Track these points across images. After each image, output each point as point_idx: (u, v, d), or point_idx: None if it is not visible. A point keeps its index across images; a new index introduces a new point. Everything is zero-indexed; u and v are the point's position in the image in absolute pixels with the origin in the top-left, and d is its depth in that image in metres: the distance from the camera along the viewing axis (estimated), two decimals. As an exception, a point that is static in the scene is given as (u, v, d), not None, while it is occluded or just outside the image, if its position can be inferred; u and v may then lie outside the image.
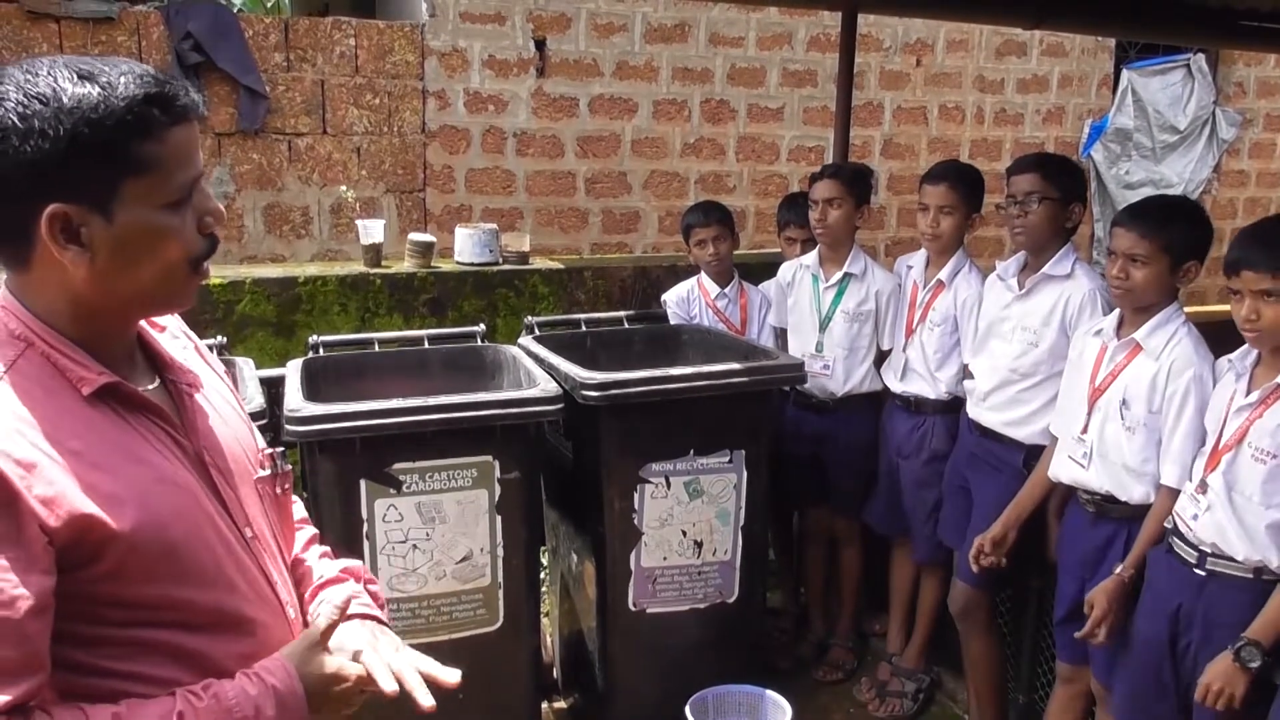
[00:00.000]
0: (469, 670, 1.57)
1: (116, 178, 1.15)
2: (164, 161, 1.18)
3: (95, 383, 1.21)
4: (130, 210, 1.17)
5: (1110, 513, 2.65)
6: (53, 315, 1.21)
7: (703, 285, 3.90)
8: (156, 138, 1.17)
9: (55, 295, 1.20)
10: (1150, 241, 2.51)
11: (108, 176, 1.15)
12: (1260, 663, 2.13)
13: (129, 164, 1.16)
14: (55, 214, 1.13)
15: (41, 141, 1.11)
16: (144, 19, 5.43)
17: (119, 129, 1.14)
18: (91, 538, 1.13)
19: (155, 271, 1.22)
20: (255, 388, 2.86)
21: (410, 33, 6.03)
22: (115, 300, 1.23)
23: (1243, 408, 2.29)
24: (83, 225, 1.15)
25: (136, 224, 1.18)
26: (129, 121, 1.14)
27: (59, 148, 1.11)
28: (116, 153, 1.14)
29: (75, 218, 1.14)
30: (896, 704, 3.57)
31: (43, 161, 1.11)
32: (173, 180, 1.19)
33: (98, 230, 1.16)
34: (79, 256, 1.16)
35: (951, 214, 3.33)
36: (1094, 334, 2.73)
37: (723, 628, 3.25)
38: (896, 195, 7.32)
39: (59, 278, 1.19)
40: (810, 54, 6.94)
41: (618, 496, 3.03)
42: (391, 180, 6.12)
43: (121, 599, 1.18)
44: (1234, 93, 8.04)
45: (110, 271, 1.19)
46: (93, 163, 1.13)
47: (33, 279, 1.20)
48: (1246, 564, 2.24)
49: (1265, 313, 2.22)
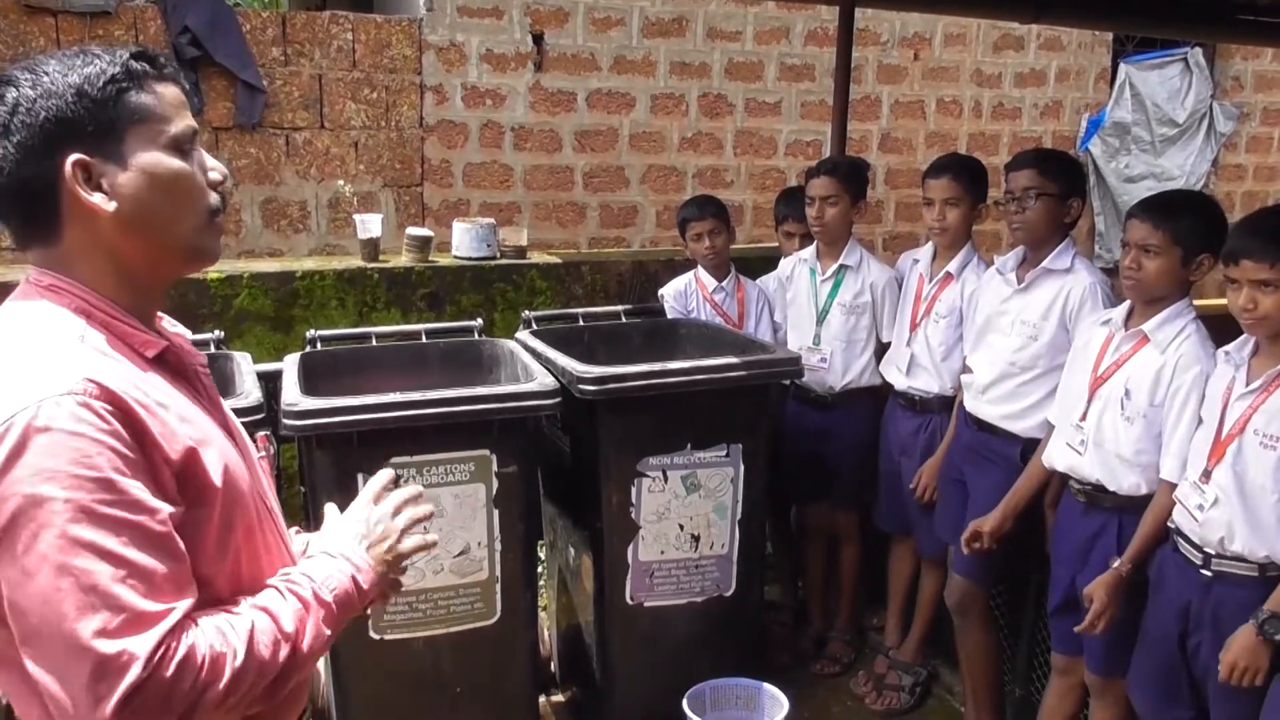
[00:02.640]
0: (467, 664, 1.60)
1: (120, 124, 1.27)
2: (158, 109, 1.31)
3: (157, 346, 1.33)
4: (139, 154, 1.28)
5: (1101, 503, 2.66)
6: (98, 280, 1.30)
7: (700, 279, 3.90)
8: (148, 89, 1.30)
9: (94, 257, 1.29)
10: (1163, 233, 2.52)
11: (112, 123, 1.27)
12: None
13: (128, 111, 1.28)
14: (77, 162, 1.24)
15: (52, 100, 1.24)
16: (141, 13, 5.43)
17: (113, 82, 1.27)
18: (196, 481, 1.25)
19: (177, 211, 1.32)
20: (252, 382, 2.86)
21: (408, 27, 6.03)
22: (149, 250, 1.32)
23: (1244, 395, 2.29)
24: (102, 175, 1.26)
25: (149, 164, 1.29)
26: (121, 75, 1.28)
27: (67, 102, 1.24)
28: (116, 102, 1.27)
29: (94, 167, 1.26)
30: (894, 697, 3.58)
31: (55, 118, 1.24)
32: (170, 125, 1.31)
33: (116, 176, 1.27)
34: (105, 202, 1.26)
35: (957, 205, 3.33)
36: (1102, 323, 2.74)
37: (720, 621, 3.25)
38: (894, 190, 7.31)
39: (92, 237, 1.28)
40: (808, 48, 6.93)
41: (615, 490, 3.04)
42: (389, 175, 6.11)
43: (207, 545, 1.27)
44: (1231, 86, 8.04)
45: (137, 217, 1.28)
46: (98, 113, 1.26)
47: (69, 247, 1.29)
48: (1253, 561, 2.23)
49: (1263, 302, 2.24)
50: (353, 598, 1.38)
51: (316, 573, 1.36)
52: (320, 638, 1.31)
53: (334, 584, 1.36)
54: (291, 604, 1.30)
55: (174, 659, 1.12)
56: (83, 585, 1.09)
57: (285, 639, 1.26)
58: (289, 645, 1.26)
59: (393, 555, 1.47)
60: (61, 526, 1.10)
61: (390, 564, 1.46)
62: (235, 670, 1.18)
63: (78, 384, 1.16)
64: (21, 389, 1.15)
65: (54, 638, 1.10)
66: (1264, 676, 2.16)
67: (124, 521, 1.13)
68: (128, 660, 1.09)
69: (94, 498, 1.12)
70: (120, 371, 1.23)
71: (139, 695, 1.09)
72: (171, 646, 1.12)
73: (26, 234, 1.30)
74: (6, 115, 1.24)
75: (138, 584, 1.12)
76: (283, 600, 1.30)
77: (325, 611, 1.33)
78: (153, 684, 1.10)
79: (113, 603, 1.10)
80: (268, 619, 1.26)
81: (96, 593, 1.09)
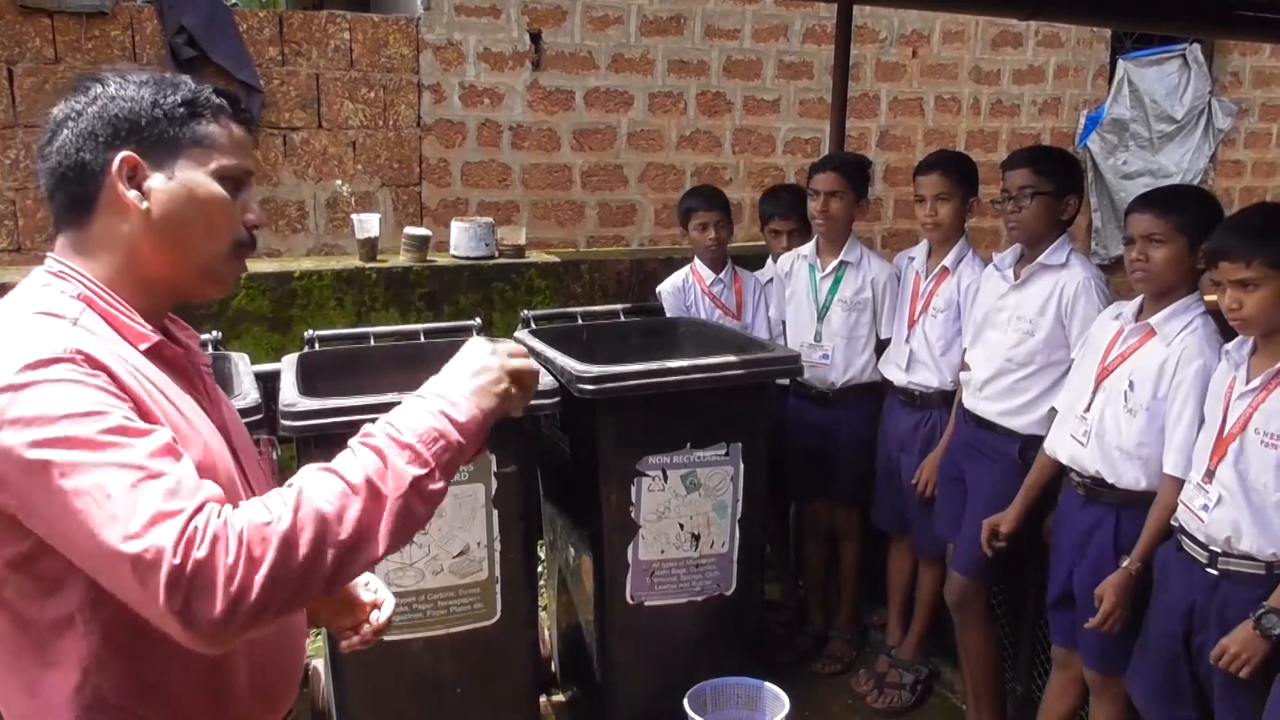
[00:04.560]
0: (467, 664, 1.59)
1: (181, 142, 1.36)
2: (222, 142, 1.39)
3: (151, 339, 1.35)
4: (187, 171, 1.36)
5: (1100, 496, 2.66)
6: (108, 272, 1.35)
7: (697, 272, 3.89)
8: (220, 123, 1.39)
9: (113, 249, 1.35)
10: (1166, 221, 2.52)
11: (174, 139, 1.35)
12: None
13: (192, 133, 1.37)
14: (126, 159, 1.33)
15: (128, 103, 1.34)
16: (138, 13, 5.41)
17: (191, 104, 1.37)
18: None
19: (204, 232, 1.37)
20: (251, 383, 2.86)
21: (405, 26, 6.02)
22: (166, 260, 1.37)
23: (1244, 394, 2.29)
24: (145, 178, 1.34)
25: (190, 183, 1.36)
26: (200, 101, 1.38)
27: (142, 108, 1.34)
28: (186, 122, 1.36)
29: (141, 169, 1.33)
30: (895, 695, 3.58)
31: (123, 117, 1.33)
32: (227, 159, 1.39)
33: (158, 184, 1.34)
34: (139, 200, 1.33)
35: (948, 200, 3.34)
36: (1114, 317, 2.74)
37: (721, 620, 3.25)
38: (893, 187, 7.30)
39: (118, 230, 1.34)
40: (806, 46, 6.93)
41: (615, 490, 3.03)
42: (387, 174, 6.10)
43: None
44: (1229, 83, 8.04)
45: (164, 224, 1.34)
46: (163, 125, 1.35)
47: (94, 233, 1.35)
48: (1260, 559, 2.23)
49: (1246, 301, 2.24)
50: (447, 435, 1.29)
51: (395, 417, 1.30)
52: (405, 482, 1.23)
53: (417, 423, 1.28)
54: (362, 456, 1.25)
55: (204, 539, 1.12)
56: (98, 500, 1.13)
57: (354, 491, 1.21)
58: (360, 497, 1.21)
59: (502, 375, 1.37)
60: (68, 458, 1.14)
61: (500, 391, 1.36)
62: (283, 535, 1.15)
63: (63, 351, 1.21)
64: (10, 355, 1.19)
65: (95, 555, 1.14)
66: (1253, 669, 2.16)
67: (124, 439, 1.17)
68: (156, 553, 1.11)
69: (93, 427, 1.16)
70: (110, 349, 1.27)
71: (181, 580, 1.10)
72: (198, 528, 1.13)
73: (64, 213, 1.37)
74: (85, 104, 1.34)
75: (152, 485, 1.15)
76: (351, 456, 1.26)
77: (410, 453, 1.25)
78: (191, 567, 1.11)
79: (130, 506, 1.13)
80: (327, 477, 1.22)
81: (113, 502, 1.13)
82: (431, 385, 1.37)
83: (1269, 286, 2.22)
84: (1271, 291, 2.22)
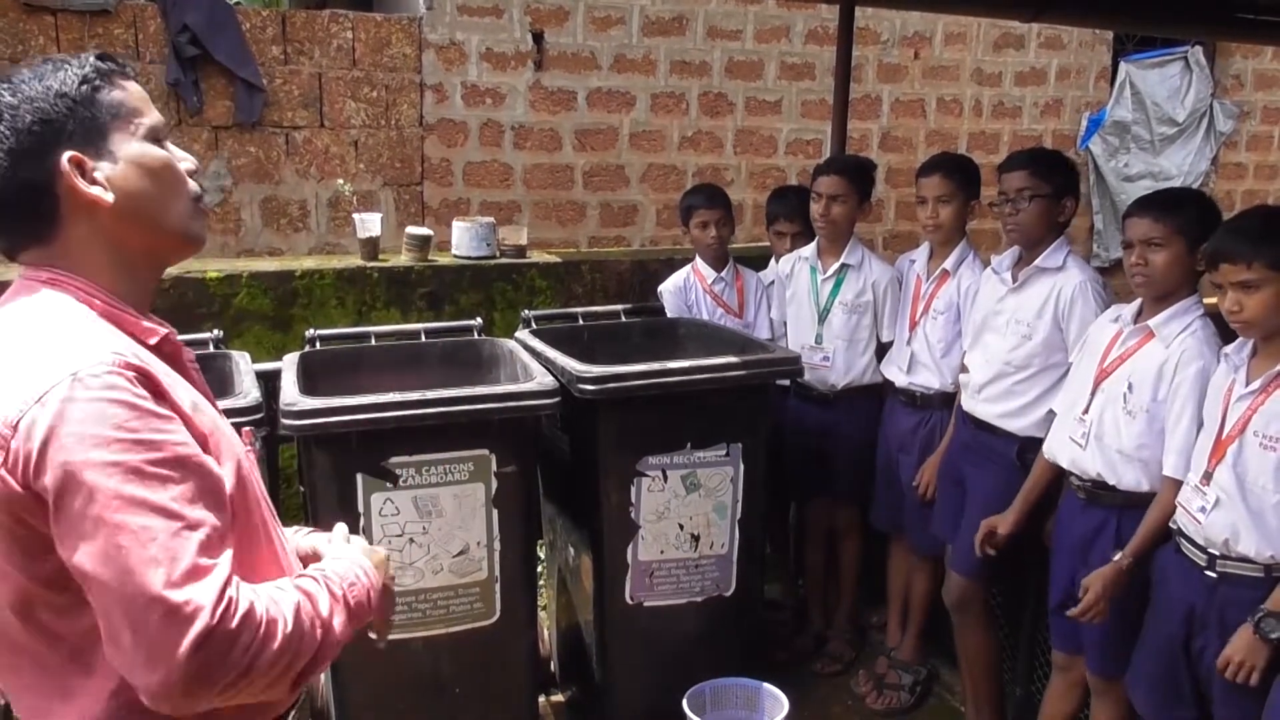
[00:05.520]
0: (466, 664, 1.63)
1: (101, 120, 1.33)
2: (131, 102, 1.37)
3: (158, 333, 1.37)
4: (124, 146, 1.34)
5: (1101, 499, 2.66)
6: (96, 272, 1.33)
7: (698, 271, 3.90)
8: (117, 86, 1.36)
9: (94, 250, 1.33)
10: (1165, 224, 2.52)
11: (94, 120, 1.32)
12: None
13: (106, 107, 1.34)
14: (73, 158, 1.30)
15: (34, 104, 1.30)
16: (141, 12, 5.42)
17: (86, 81, 1.33)
18: (212, 453, 1.30)
19: (166, 198, 1.37)
20: (251, 381, 2.86)
21: (408, 26, 6.02)
22: (145, 238, 1.37)
23: (1243, 396, 2.29)
24: (95, 169, 1.31)
25: (136, 155, 1.35)
26: (94, 76, 1.34)
27: (50, 103, 1.30)
28: (93, 100, 1.33)
29: (86, 163, 1.31)
30: (894, 696, 3.58)
31: (40, 120, 1.29)
32: (144, 118, 1.37)
33: (108, 170, 1.32)
34: (104, 194, 1.31)
35: (949, 202, 3.34)
36: (1112, 319, 2.74)
37: (720, 621, 3.25)
38: (895, 189, 7.31)
39: (92, 231, 1.32)
40: (808, 47, 6.93)
41: (615, 490, 3.03)
42: (389, 174, 6.11)
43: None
44: (1231, 85, 8.04)
45: (132, 207, 1.33)
46: (79, 111, 1.32)
47: (67, 244, 1.32)
48: (1258, 561, 2.22)
49: (1247, 303, 2.24)
50: (365, 608, 1.42)
51: (343, 572, 1.42)
52: (343, 633, 1.35)
53: (356, 592, 1.40)
54: (325, 593, 1.34)
55: (237, 612, 1.17)
56: (142, 540, 1.14)
57: (321, 623, 1.30)
58: (323, 630, 1.30)
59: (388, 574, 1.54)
60: (114, 488, 1.14)
61: (389, 590, 1.52)
62: (286, 637, 1.22)
63: (106, 356, 1.21)
64: (51, 365, 1.20)
65: (123, 593, 1.14)
66: (1260, 675, 2.16)
67: (170, 478, 1.18)
68: (195, 608, 1.13)
69: (140, 458, 1.17)
70: (138, 351, 1.28)
71: (209, 642, 1.14)
72: (233, 599, 1.17)
73: (22, 236, 1.33)
74: None
75: (191, 537, 1.17)
76: (318, 587, 1.34)
77: (347, 611, 1.37)
78: (220, 632, 1.14)
79: (172, 554, 1.15)
80: (310, 602, 1.30)
81: (156, 545, 1.14)
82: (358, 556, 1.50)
83: (1270, 288, 2.22)
84: (1272, 293, 2.22)
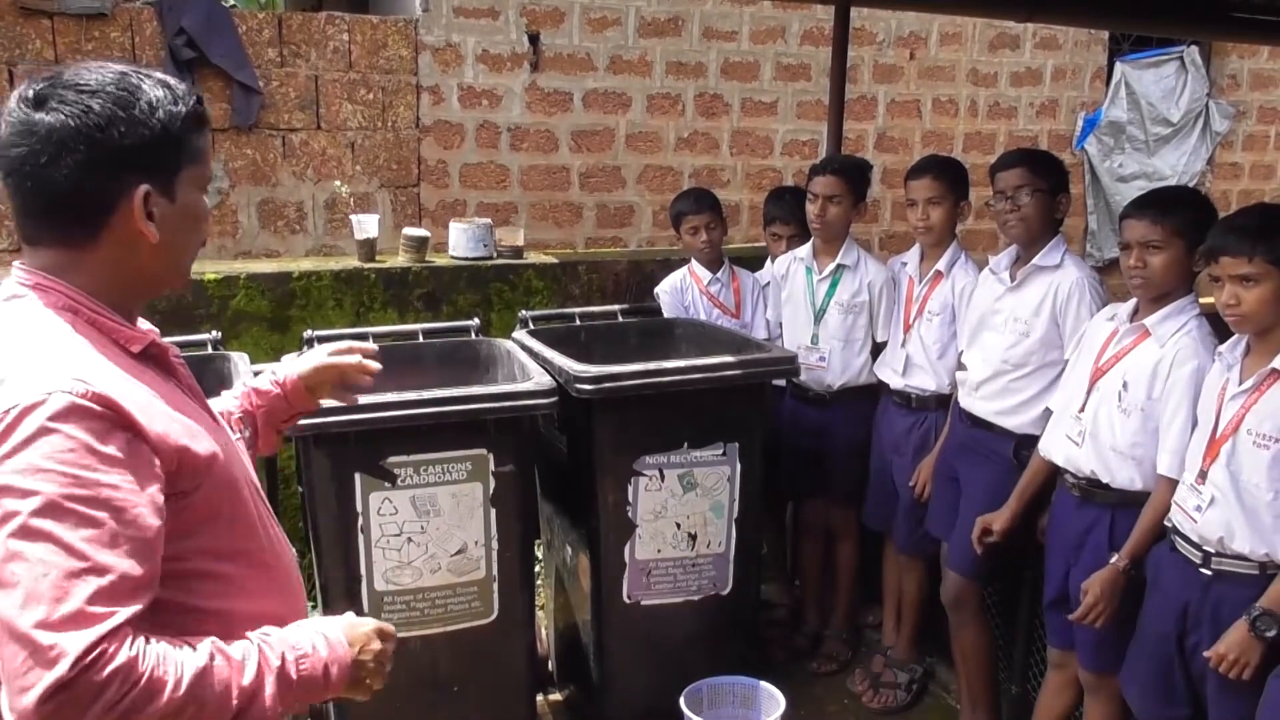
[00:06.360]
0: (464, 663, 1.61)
1: (181, 164, 1.36)
2: (206, 153, 1.41)
3: (144, 340, 1.38)
4: (185, 192, 1.38)
5: (1095, 497, 2.67)
6: (97, 285, 1.34)
7: (694, 273, 3.91)
8: (204, 133, 1.41)
9: (110, 267, 1.34)
10: (1163, 226, 2.53)
11: (176, 162, 1.36)
12: (1276, 632, 2.13)
13: (190, 153, 1.37)
14: (147, 194, 1.32)
15: (140, 129, 1.30)
16: (137, 15, 5.42)
17: (186, 123, 1.36)
18: (187, 469, 1.30)
19: (192, 244, 1.43)
20: (250, 382, 2.86)
21: (404, 28, 6.03)
22: (160, 272, 1.40)
23: (1237, 395, 2.30)
24: (155, 205, 1.34)
25: (189, 204, 1.39)
26: (192, 118, 1.37)
27: (154, 133, 1.31)
28: (184, 144, 1.36)
29: (152, 198, 1.33)
30: (890, 695, 3.59)
31: (136, 146, 1.30)
32: (208, 170, 1.43)
33: (164, 209, 1.35)
34: (153, 232, 1.33)
35: (939, 204, 3.36)
36: (1108, 318, 2.75)
37: (717, 619, 3.26)
38: (890, 189, 7.30)
39: (119, 253, 1.34)
40: (804, 48, 6.94)
41: (612, 489, 3.04)
42: (386, 175, 6.11)
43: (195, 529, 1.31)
44: (1227, 85, 8.05)
45: (165, 247, 1.36)
46: (169, 151, 1.34)
47: (95, 255, 1.33)
48: (1253, 559, 2.24)
49: (1244, 297, 2.25)
50: (318, 683, 1.36)
51: (295, 641, 1.36)
52: (276, 705, 1.29)
53: (306, 665, 1.34)
54: (256, 661, 1.29)
55: (109, 664, 1.12)
56: (34, 574, 1.12)
57: (240, 692, 1.25)
58: (241, 699, 1.25)
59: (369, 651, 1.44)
60: (27, 516, 1.13)
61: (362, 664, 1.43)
62: (172, 700, 1.17)
63: (67, 383, 1.20)
64: (11, 385, 1.19)
65: (2, 619, 1.12)
66: (1252, 671, 2.17)
67: (88, 519, 1.15)
68: (57, 655, 1.10)
69: (61, 492, 1.15)
70: (109, 371, 1.27)
71: (62, 693, 1.10)
72: (108, 651, 1.12)
73: (51, 232, 1.32)
74: (93, 129, 1.28)
75: (90, 582, 1.13)
76: (248, 653, 1.29)
77: (285, 683, 1.31)
78: (80, 684, 1.10)
79: (59, 595, 1.11)
80: (228, 668, 1.25)
81: (47, 581, 1.11)
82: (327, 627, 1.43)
83: (1268, 283, 2.23)
84: (1270, 288, 2.23)
